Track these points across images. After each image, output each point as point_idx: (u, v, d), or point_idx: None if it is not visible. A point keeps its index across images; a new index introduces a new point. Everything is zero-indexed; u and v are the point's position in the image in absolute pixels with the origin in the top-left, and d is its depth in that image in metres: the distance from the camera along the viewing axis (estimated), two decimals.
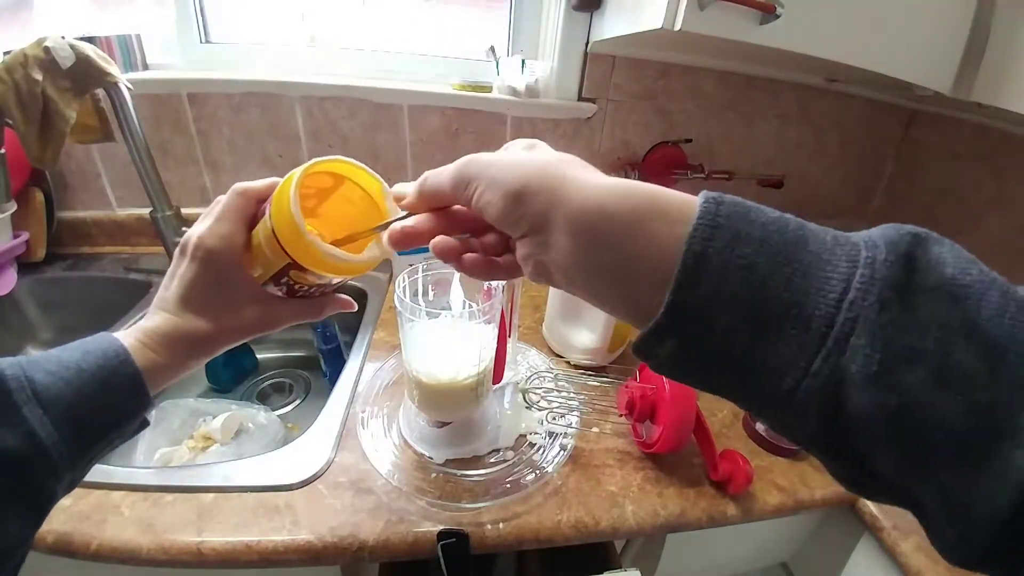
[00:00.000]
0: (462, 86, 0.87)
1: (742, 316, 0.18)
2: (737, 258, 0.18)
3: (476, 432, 0.54)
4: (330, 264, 0.28)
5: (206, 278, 0.30)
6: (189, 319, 0.29)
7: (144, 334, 0.29)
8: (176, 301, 0.30)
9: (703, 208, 0.19)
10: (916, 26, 0.62)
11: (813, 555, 0.68)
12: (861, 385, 0.17)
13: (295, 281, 0.31)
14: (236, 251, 0.30)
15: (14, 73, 0.61)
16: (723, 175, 0.95)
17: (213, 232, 0.29)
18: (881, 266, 0.17)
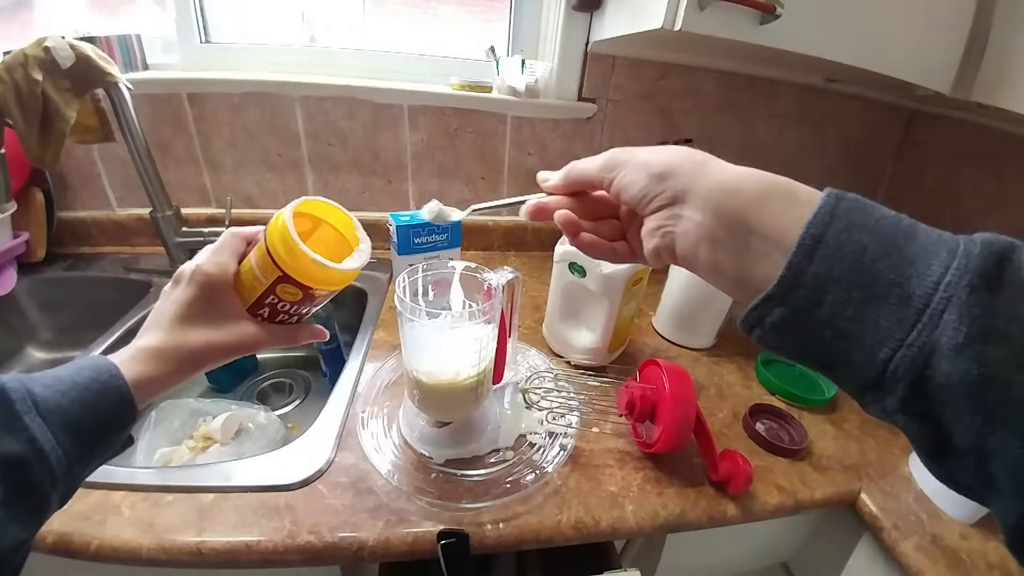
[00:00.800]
0: (462, 86, 0.87)
1: (849, 291, 0.21)
2: (852, 242, 0.21)
3: (476, 432, 0.54)
4: (315, 270, 0.33)
5: (201, 299, 0.34)
6: (180, 335, 0.33)
7: (136, 351, 0.32)
8: (171, 319, 0.33)
9: (825, 199, 0.22)
10: (916, 26, 0.62)
11: (813, 555, 0.68)
12: (948, 355, 0.19)
13: (280, 298, 0.35)
14: (229, 278, 0.35)
15: (14, 73, 0.61)
16: None
17: (211, 261, 0.35)
18: (976, 259, 0.20)
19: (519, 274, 0.51)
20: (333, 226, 0.38)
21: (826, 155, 1.09)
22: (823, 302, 0.21)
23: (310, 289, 0.35)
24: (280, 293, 0.35)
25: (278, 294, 0.35)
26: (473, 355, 0.47)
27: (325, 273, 0.34)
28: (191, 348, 0.33)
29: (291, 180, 0.92)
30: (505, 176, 0.97)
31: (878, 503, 0.54)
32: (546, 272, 0.72)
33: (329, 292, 0.37)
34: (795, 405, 0.66)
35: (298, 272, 0.33)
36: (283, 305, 0.36)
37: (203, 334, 0.34)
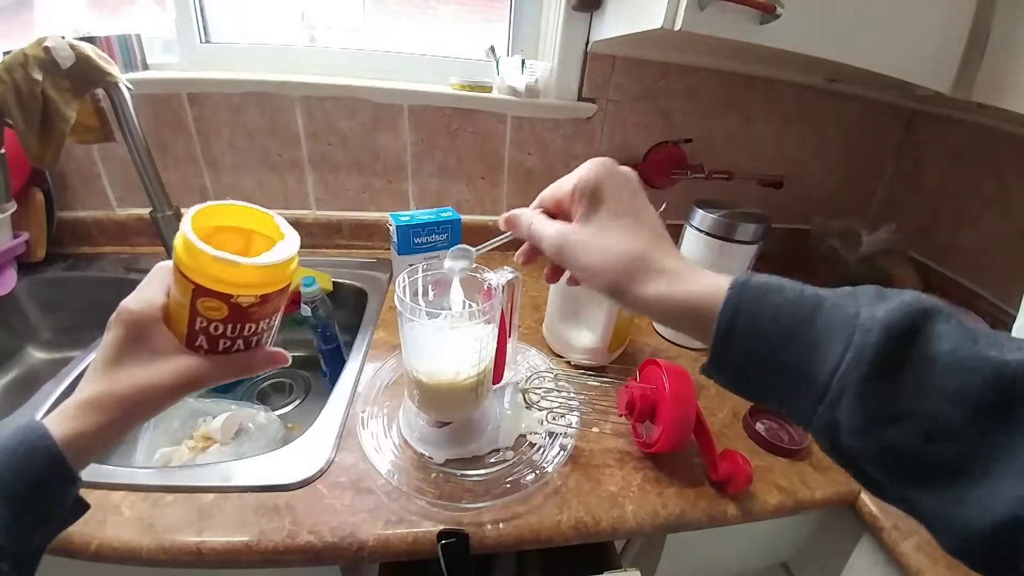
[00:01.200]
0: (462, 86, 0.87)
1: (765, 373, 0.25)
2: (756, 332, 0.24)
3: (476, 432, 0.54)
4: (223, 269, 0.29)
5: (128, 339, 0.31)
6: (108, 381, 0.30)
7: (67, 406, 0.29)
8: (100, 365, 0.31)
9: (729, 292, 0.25)
10: (916, 26, 0.62)
11: (813, 555, 0.68)
12: (848, 434, 0.22)
13: (207, 319, 0.31)
14: (156, 312, 0.32)
15: (14, 73, 0.61)
16: (723, 175, 0.95)
17: (135, 297, 0.32)
18: (870, 348, 0.21)
19: (519, 274, 0.51)
20: (265, 234, 0.34)
21: (826, 155, 1.09)
22: (747, 377, 0.26)
23: (230, 297, 0.30)
24: (204, 312, 0.31)
25: (202, 314, 0.31)
26: (473, 355, 0.47)
27: (235, 271, 0.29)
28: (120, 394, 0.30)
29: (291, 180, 0.92)
30: (505, 176, 0.97)
31: (878, 503, 0.54)
32: None
33: (256, 299, 0.31)
34: None
35: (207, 277, 0.29)
36: (216, 328, 0.32)
37: (132, 377, 0.30)
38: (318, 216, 0.95)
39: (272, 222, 0.34)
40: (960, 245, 0.97)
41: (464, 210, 0.94)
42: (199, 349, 0.33)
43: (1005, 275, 0.88)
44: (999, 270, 0.90)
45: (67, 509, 0.31)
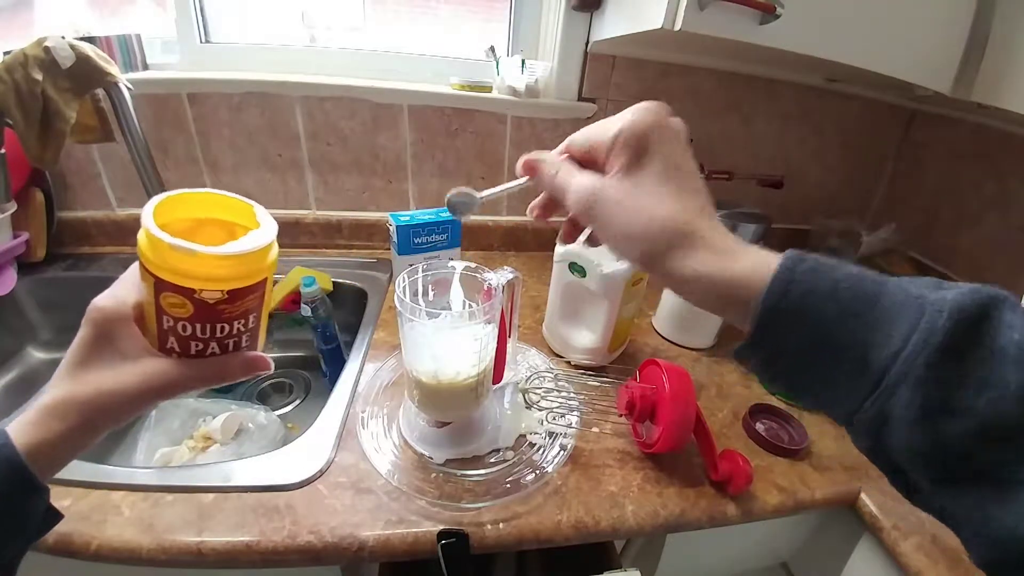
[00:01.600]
0: (462, 86, 0.87)
1: (813, 356, 0.22)
2: (810, 307, 0.22)
3: (476, 432, 0.54)
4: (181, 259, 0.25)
5: (96, 339, 0.28)
6: (71, 385, 0.28)
7: (32, 411, 0.27)
8: (66, 367, 0.28)
9: (783, 263, 0.23)
10: (916, 26, 0.62)
11: (813, 555, 0.68)
12: (899, 427, 0.20)
13: (172, 317, 0.28)
14: (127, 311, 0.29)
15: (14, 73, 0.61)
16: (723, 175, 0.95)
17: (107, 294, 0.30)
18: (939, 332, 0.19)
19: (519, 274, 0.51)
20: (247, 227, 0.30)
21: (826, 155, 1.09)
22: (787, 357, 0.23)
23: (192, 292, 0.26)
24: (168, 309, 0.27)
25: (167, 312, 0.27)
26: (473, 355, 0.47)
27: (193, 262, 0.25)
28: (82, 399, 0.27)
29: (291, 180, 0.92)
30: (505, 176, 0.97)
31: (878, 503, 0.54)
32: (546, 272, 0.72)
33: (223, 295, 0.27)
34: (795, 405, 0.66)
35: (166, 269, 0.26)
36: (184, 327, 0.28)
37: (96, 381, 0.28)
38: (318, 216, 0.95)
39: (251, 212, 0.30)
40: (960, 245, 0.97)
41: None
42: (170, 352, 0.29)
43: (1005, 275, 0.88)
44: (999, 270, 0.90)
45: (37, 520, 0.29)
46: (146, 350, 0.29)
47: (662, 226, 0.25)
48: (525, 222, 1.02)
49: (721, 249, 0.25)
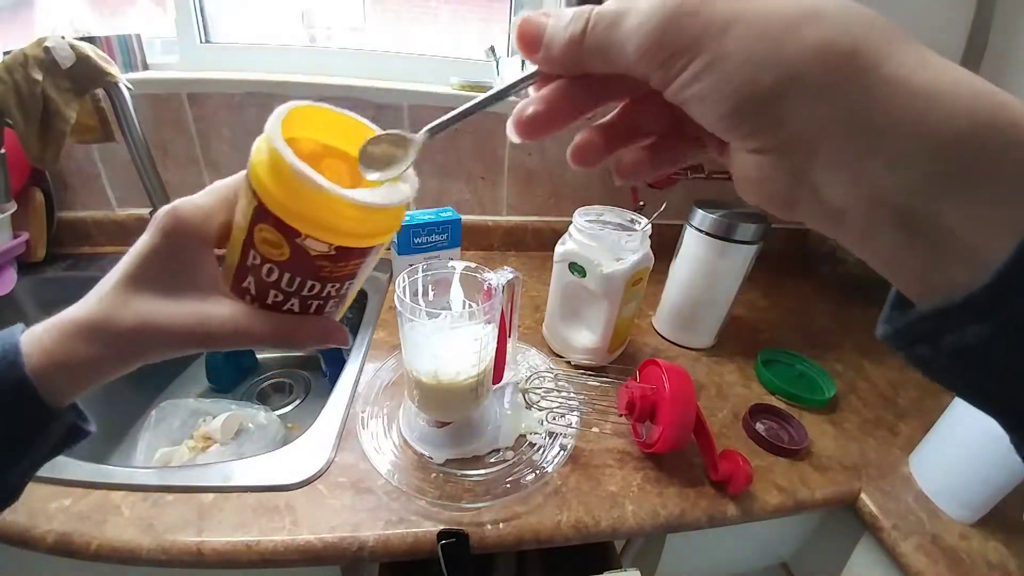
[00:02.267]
0: (462, 86, 0.87)
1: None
2: None
3: (476, 432, 0.54)
4: (296, 189, 0.20)
5: (162, 250, 0.23)
6: (115, 306, 0.22)
7: (59, 324, 0.23)
8: (118, 280, 0.23)
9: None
10: (916, 26, 0.62)
11: (813, 555, 0.68)
12: None
13: (261, 256, 0.22)
14: (208, 230, 0.23)
15: (14, 73, 0.61)
16: (723, 175, 0.94)
17: (190, 201, 0.23)
18: None
19: (519, 274, 0.51)
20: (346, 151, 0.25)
21: None
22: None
23: (296, 236, 0.21)
24: (259, 244, 0.22)
25: (257, 246, 0.22)
26: (473, 355, 0.47)
27: (314, 200, 0.20)
28: (123, 328, 0.22)
29: None
30: (505, 176, 0.97)
31: (878, 503, 0.54)
32: (546, 272, 0.72)
33: (330, 250, 0.22)
34: (795, 405, 0.66)
35: (277, 197, 0.20)
36: (270, 272, 0.23)
37: (145, 308, 0.22)
38: None
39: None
40: None
41: (464, 210, 0.94)
42: (244, 293, 0.24)
43: None
44: None
45: (50, 441, 0.25)
46: (214, 284, 0.24)
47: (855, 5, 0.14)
48: (525, 222, 1.02)
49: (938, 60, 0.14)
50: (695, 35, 0.14)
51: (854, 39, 0.14)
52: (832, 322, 0.88)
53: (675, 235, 0.73)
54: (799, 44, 0.13)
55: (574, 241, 0.62)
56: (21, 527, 0.42)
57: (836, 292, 0.99)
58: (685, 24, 0.14)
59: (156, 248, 0.23)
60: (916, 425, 0.65)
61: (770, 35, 0.14)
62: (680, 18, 0.14)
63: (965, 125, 0.12)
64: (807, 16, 0.14)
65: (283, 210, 0.20)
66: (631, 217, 0.64)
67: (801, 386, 0.69)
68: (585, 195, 1.00)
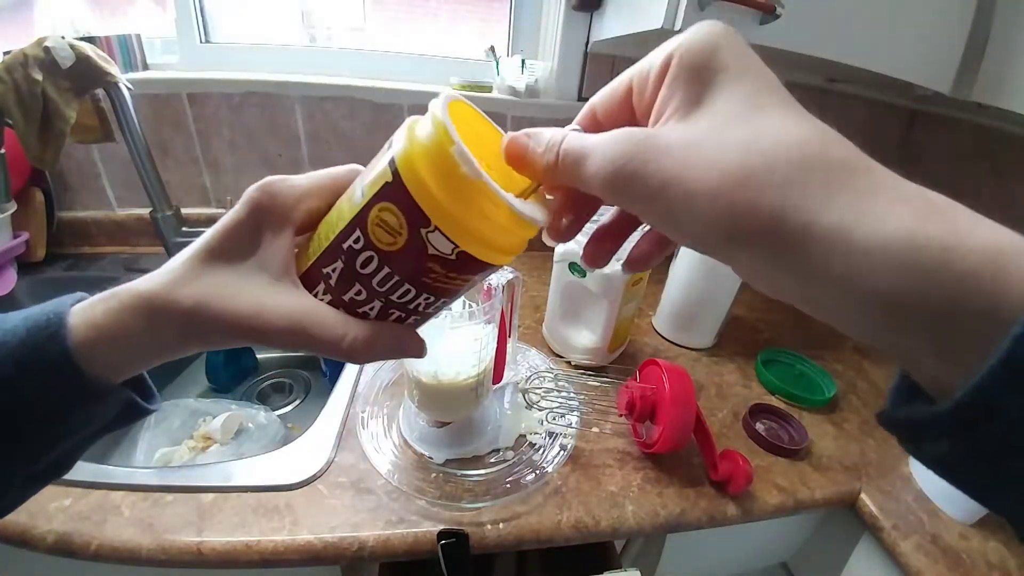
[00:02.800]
0: (462, 86, 0.87)
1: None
2: None
3: (476, 432, 0.54)
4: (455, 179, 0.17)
5: (245, 222, 0.21)
6: (181, 283, 0.21)
7: (123, 296, 0.21)
8: (194, 251, 0.21)
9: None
10: (916, 26, 0.62)
11: (813, 555, 0.68)
12: None
13: (367, 239, 0.19)
14: (298, 210, 0.22)
15: (14, 73, 0.61)
16: None
17: (285, 179, 0.22)
18: None
19: (519, 274, 0.51)
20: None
21: None
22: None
23: (426, 224, 0.18)
24: (372, 224, 0.19)
25: (368, 226, 0.19)
26: (473, 355, 0.47)
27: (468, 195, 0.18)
28: (186, 303, 0.20)
29: None
30: None
31: (878, 503, 0.54)
32: (546, 272, 0.72)
33: (452, 254, 0.19)
34: (795, 405, 0.66)
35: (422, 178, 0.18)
36: (366, 262, 0.20)
37: (209, 284, 0.20)
38: None
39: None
40: None
41: None
42: (317, 281, 0.21)
43: None
44: None
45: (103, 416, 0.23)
46: (287, 270, 0.22)
47: (787, 154, 0.14)
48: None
49: (913, 197, 0.14)
50: (641, 193, 0.16)
51: (783, 199, 0.14)
52: None
53: None
54: (729, 209, 0.14)
55: (574, 241, 0.62)
56: (21, 527, 0.42)
57: None
58: (632, 183, 0.16)
59: (240, 220, 0.21)
60: None
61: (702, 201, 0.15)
62: (628, 176, 0.16)
63: (901, 282, 0.13)
64: (737, 183, 0.14)
65: (423, 192, 0.18)
66: None
67: (801, 386, 0.69)
68: None
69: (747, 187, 0.14)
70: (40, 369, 0.20)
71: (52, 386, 0.20)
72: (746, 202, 0.14)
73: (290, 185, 0.22)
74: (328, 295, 0.21)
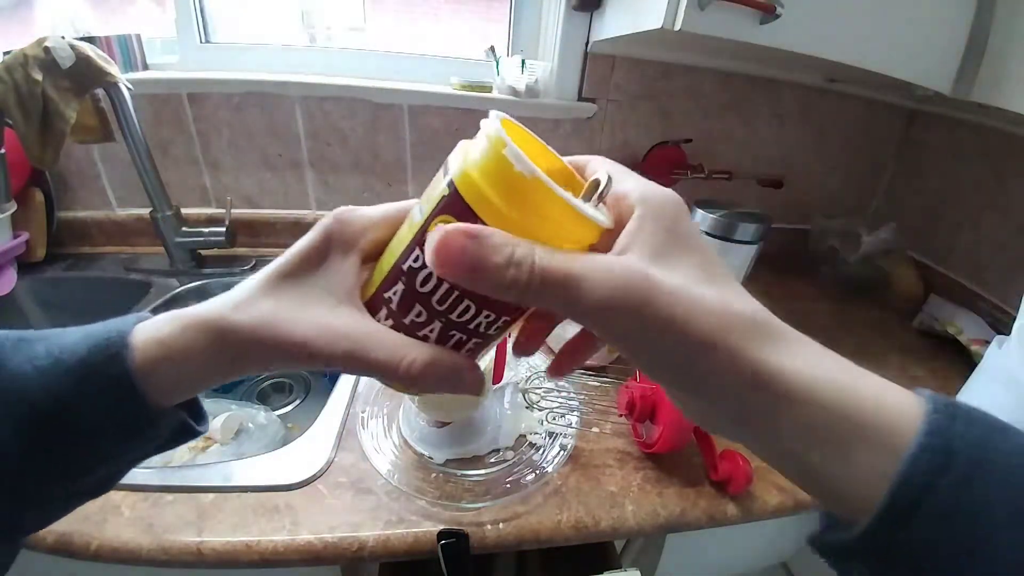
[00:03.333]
0: (462, 86, 0.87)
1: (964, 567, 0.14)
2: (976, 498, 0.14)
3: (476, 432, 0.54)
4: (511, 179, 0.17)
5: (318, 247, 0.22)
6: (252, 300, 0.21)
7: (187, 318, 0.21)
8: (267, 275, 0.21)
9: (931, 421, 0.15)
10: (916, 26, 0.62)
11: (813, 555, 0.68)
12: None
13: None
14: (367, 238, 0.22)
15: (14, 73, 0.61)
16: (723, 175, 0.95)
17: (357, 209, 0.23)
18: None
19: None
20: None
21: (826, 155, 1.09)
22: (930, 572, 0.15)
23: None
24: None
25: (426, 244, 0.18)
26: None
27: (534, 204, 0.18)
28: (247, 325, 0.20)
29: (291, 180, 0.92)
30: None
31: None
32: None
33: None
34: None
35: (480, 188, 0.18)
36: (427, 278, 0.19)
37: (274, 307, 0.21)
38: (318, 216, 0.94)
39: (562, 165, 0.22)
40: (960, 245, 0.97)
41: None
42: (382, 305, 0.21)
43: (1005, 275, 0.88)
44: (999, 270, 0.90)
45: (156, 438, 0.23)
46: (351, 296, 0.22)
47: (742, 315, 0.17)
48: None
49: (815, 350, 0.18)
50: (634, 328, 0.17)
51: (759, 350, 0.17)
52: (832, 322, 0.88)
53: None
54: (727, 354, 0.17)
55: None
56: None
57: (836, 292, 0.99)
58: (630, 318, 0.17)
59: (313, 244, 0.22)
60: None
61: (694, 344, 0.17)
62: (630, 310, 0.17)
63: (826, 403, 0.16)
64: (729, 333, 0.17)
65: (478, 196, 0.18)
66: None
67: None
68: None
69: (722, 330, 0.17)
70: (99, 390, 0.20)
71: (110, 408, 0.20)
72: (727, 343, 0.17)
73: (360, 215, 0.22)
74: (390, 319, 0.21)
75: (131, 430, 0.21)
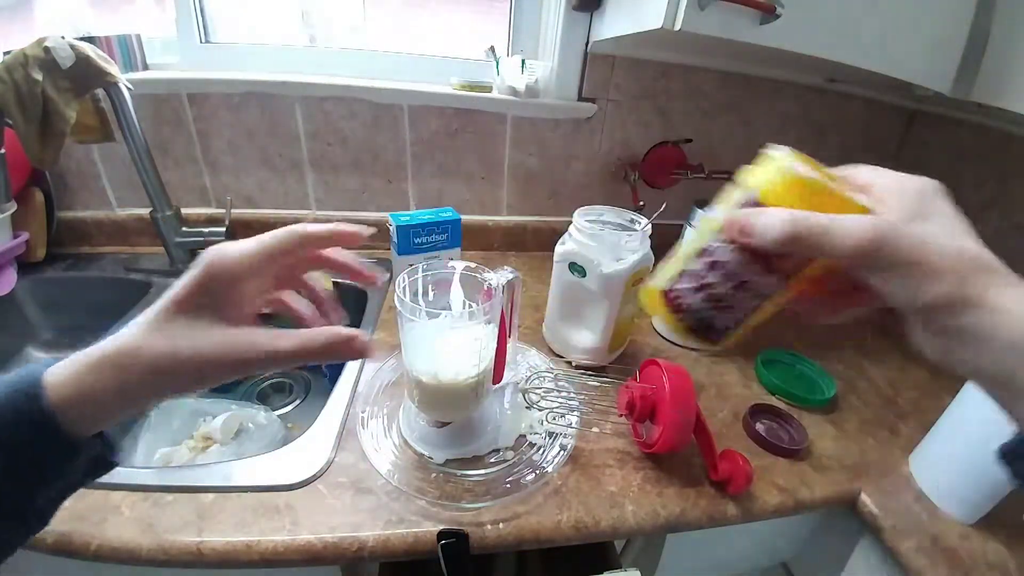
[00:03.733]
0: (462, 86, 0.87)
1: None
2: None
3: (476, 432, 0.54)
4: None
5: (201, 280, 0.26)
6: (149, 334, 0.24)
7: (88, 357, 0.24)
8: (159, 308, 0.25)
9: None
10: (916, 26, 0.62)
11: (813, 555, 0.68)
12: None
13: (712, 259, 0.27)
14: (243, 265, 0.27)
15: (14, 73, 0.61)
16: (723, 175, 0.94)
17: (233, 244, 0.27)
18: None
19: (519, 274, 0.51)
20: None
21: (826, 155, 1.08)
22: None
23: None
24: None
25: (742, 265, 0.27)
26: (473, 355, 0.47)
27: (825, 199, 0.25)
28: (152, 355, 0.24)
29: (291, 180, 0.92)
30: (505, 176, 0.97)
31: (878, 503, 0.54)
32: (546, 272, 0.72)
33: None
34: (795, 405, 0.66)
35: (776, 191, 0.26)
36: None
37: (175, 335, 0.24)
38: (318, 216, 0.95)
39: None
40: None
41: (464, 210, 0.94)
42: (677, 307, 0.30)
43: None
44: None
45: (78, 470, 0.26)
46: (243, 318, 0.27)
47: (975, 256, 0.22)
48: (525, 222, 1.02)
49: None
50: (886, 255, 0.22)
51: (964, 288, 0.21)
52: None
53: (675, 235, 0.73)
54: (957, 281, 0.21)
55: (574, 241, 0.62)
56: None
57: None
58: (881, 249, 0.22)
59: (196, 278, 0.26)
60: (916, 425, 0.65)
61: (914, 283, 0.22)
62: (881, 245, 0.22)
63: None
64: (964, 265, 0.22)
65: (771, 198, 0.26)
66: (631, 217, 0.64)
67: (801, 386, 0.69)
68: (585, 195, 1.00)
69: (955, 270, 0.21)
70: (19, 427, 0.22)
71: (35, 444, 0.23)
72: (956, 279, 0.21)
73: (236, 247, 0.27)
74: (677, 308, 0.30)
75: (54, 463, 0.24)
